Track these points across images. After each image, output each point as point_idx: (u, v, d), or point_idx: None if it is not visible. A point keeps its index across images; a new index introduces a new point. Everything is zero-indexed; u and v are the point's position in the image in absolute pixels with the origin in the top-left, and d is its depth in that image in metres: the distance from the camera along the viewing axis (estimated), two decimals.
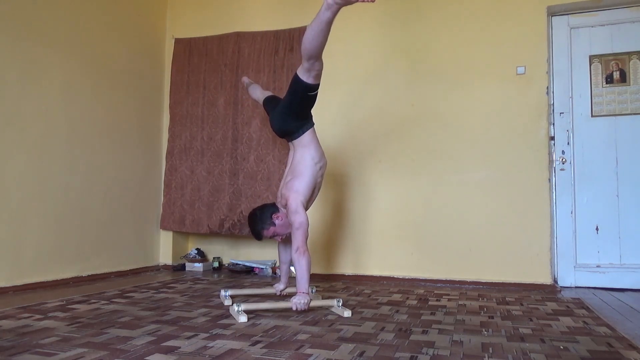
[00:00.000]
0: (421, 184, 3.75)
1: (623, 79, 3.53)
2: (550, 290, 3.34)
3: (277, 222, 2.68)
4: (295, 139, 2.67)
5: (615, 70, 3.55)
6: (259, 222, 2.69)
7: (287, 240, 2.85)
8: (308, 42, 2.32)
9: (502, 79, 3.61)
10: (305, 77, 2.47)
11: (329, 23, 2.26)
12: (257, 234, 2.72)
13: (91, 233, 3.69)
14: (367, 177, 3.87)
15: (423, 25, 3.84)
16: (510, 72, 3.60)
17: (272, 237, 2.73)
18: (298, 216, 2.51)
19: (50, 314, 2.37)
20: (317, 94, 2.58)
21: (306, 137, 2.66)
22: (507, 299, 2.98)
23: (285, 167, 2.85)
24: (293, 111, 2.61)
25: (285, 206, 2.62)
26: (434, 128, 3.75)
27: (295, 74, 2.52)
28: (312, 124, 2.70)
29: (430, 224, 3.70)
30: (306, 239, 2.50)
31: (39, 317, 2.30)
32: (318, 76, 2.50)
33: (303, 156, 2.66)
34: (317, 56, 2.39)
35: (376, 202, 3.83)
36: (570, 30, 3.65)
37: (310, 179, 2.63)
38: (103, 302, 2.72)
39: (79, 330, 2.06)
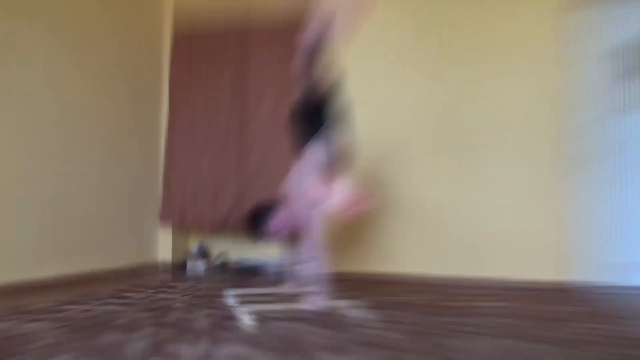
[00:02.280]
0: (429, 182, 3.67)
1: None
2: (565, 289, 3.23)
3: (276, 220, 2.62)
4: None
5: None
6: (257, 219, 2.67)
7: (294, 239, 2.76)
8: None
9: (516, 75, 3.53)
10: None
11: None
12: (255, 233, 2.67)
13: (88, 231, 3.57)
14: (376, 172, 3.75)
15: (435, 17, 3.75)
16: (524, 68, 3.51)
17: (272, 235, 2.67)
18: (309, 216, 2.42)
19: (41, 316, 2.23)
20: None
21: None
22: (519, 297, 2.89)
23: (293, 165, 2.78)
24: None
25: (291, 204, 2.57)
26: (442, 126, 3.66)
27: None
28: None
29: (446, 220, 3.61)
30: (320, 238, 2.41)
31: (29, 319, 2.15)
32: None
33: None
34: None
35: (387, 198, 3.72)
36: (587, 24, 3.51)
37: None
38: (97, 303, 2.57)
39: (71, 333, 1.91)
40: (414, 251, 3.66)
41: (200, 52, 4.28)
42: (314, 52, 2.49)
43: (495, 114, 3.56)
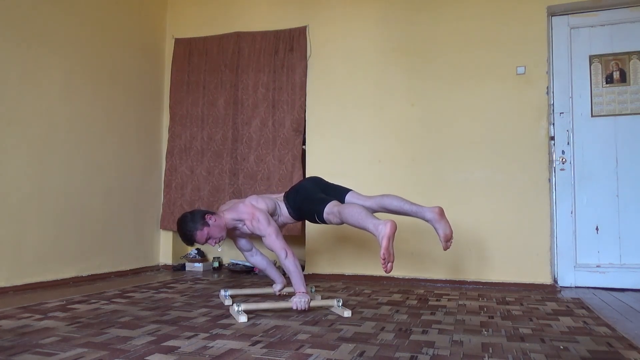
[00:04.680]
0: (421, 184, 3.74)
1: (623, 79, 3.53)
2: (550, 290, 3.34)
3: (210, 222, 2.56)
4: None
5: (615, 70, 3.54)
6: (191, 222, 2.55)
7: (247, 246, 2.90)
8: (347, 221, 2.47)
9: (502, 79, 3.61)
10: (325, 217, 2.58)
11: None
12: (188, 237, 2.57)
13: (91, 233, 3.69)
14: (367, 177, 3.86)
15: (423, 25, 3.84)
16: (510, 72, 3.60)
17: (207, 240, 2.59)
18: (270, 227, 2.55)
19: (50, 314, 2.37)
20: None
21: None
22: (507, 299, 2.98)
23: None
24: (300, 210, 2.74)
25: (242, 220, 2.63)
26: (434, 128, 3.75)
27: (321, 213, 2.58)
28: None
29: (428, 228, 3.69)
30: (284, 241, 2.55)
31: (39, 317, 2.30)
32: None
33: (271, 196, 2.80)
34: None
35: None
36: (570, 30, 3.65)
37: (270, 202, 2.70)
38: (103, 302, 2.72)
39: (79, 330, 2.06)
40: (399, 256, 3.75)
41: (199, 56, 4.40)
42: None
43: (475, 127, 3.64)
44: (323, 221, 2.60)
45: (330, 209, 2.54)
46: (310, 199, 2.66)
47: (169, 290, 3.16)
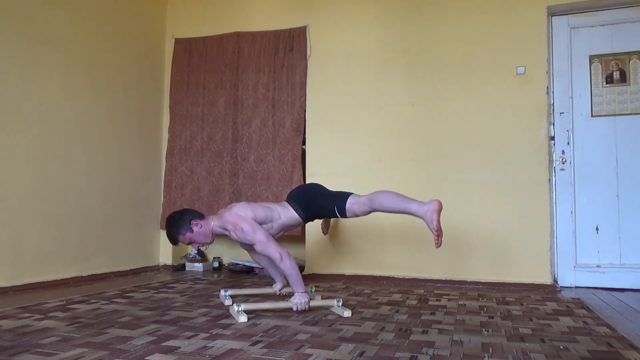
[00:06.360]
0: (421, 184, 3.74)
1: (623, 79, 3.53)
2: (550, 290, 3.34)
3: (195, 229, 2.57)
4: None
5: (615, 70, 3.55)
6: (175, 226, 2.58)
7: (249, 246, 2.84)
8: (383, 206, 2.56)
9: (502, 79, 3.62)
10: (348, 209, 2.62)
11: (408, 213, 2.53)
12: (171, 238, 2.61)
13: (91, 233, 3.69)
14: (367, 177, 3.86)
15: (423, 24, 3.84)
16: (510, 72, 3.60)
17: (189, 244, 2.63)
18: (259, 234, 2.51)
19: (50, 314, 2.37)
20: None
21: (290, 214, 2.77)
22: (507, 299, 2.98)
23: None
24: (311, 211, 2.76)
25: (227, 230, 2.60)
26: (434, 128, 3.75)
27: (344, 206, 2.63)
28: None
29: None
30: (277, 244, 2.52)
31: (39, 317, 2.30)
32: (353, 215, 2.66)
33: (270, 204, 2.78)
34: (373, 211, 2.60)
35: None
36: (570, 30, 3.65)
37: (261, 209, 2.65)
38: (103, 302, 2.72)
39: (79, 330, 2.06)
40: (399, 256, 3.75)
41: (199, 56, 4.40)
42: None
43: (475, 126, 3.64)
44: (343, 213, 2.63)
45: (355, 198, 2.62)
46: (326, 195, 2.76)
47: (169, 290, 3.16)
